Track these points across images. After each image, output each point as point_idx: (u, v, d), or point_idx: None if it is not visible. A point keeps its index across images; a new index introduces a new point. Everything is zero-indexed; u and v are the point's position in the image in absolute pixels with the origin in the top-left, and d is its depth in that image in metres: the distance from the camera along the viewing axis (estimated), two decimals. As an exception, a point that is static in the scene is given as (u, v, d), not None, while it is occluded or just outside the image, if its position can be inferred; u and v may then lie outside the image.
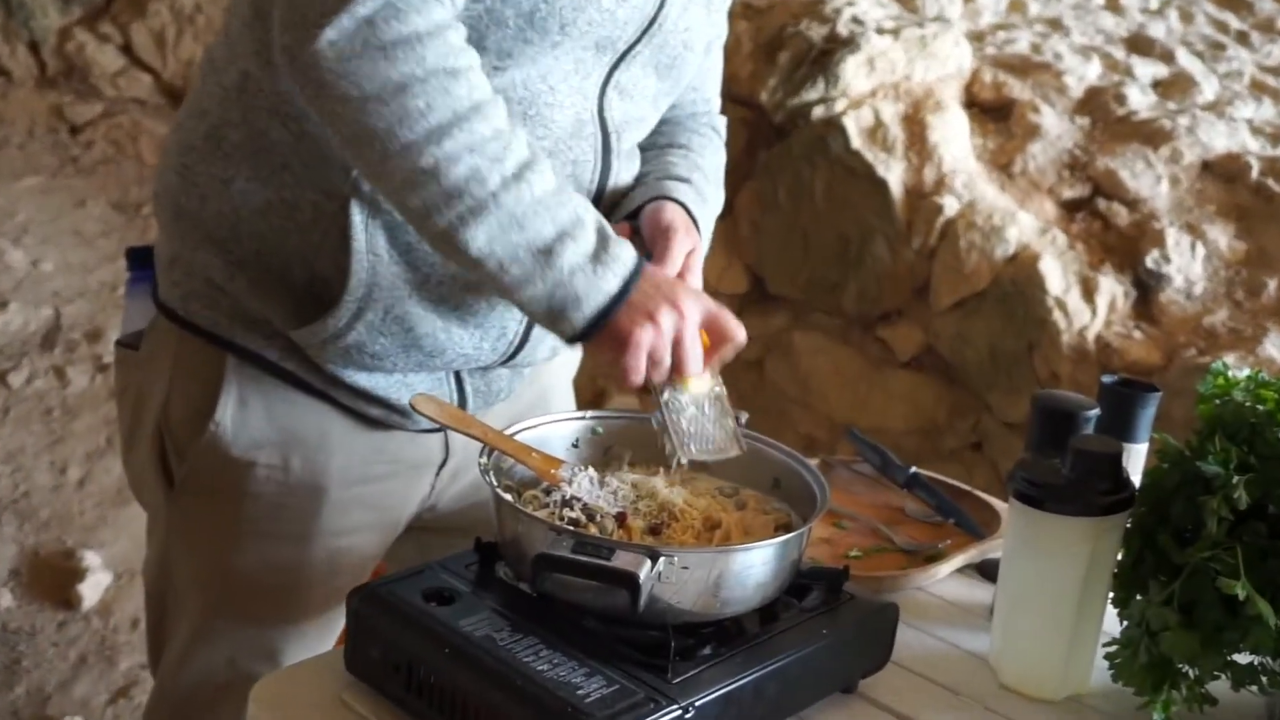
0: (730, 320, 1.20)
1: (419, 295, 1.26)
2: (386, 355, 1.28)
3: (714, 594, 1.11)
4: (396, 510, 1.43)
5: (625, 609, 1.06)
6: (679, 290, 1.18)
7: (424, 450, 1.42)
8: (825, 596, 1.21)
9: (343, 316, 1.24)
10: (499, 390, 1.41)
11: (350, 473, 1.37)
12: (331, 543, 1.38)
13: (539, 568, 1.07)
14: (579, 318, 1.15)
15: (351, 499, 1.38)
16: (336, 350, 1.27)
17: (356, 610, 1.15)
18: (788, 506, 1.27)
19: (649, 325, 1.15)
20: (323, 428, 1.34)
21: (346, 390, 1.33)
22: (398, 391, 1.34)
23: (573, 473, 1.25)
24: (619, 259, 1.16)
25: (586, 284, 1.14)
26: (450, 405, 1.26)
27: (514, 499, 1.22)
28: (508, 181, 1.12)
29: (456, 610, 1.13)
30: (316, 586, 1.39)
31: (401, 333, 1.27)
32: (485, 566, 1.21)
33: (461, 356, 1.32)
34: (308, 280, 1.26)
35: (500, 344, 1.34)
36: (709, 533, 1.20)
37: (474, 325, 1.31)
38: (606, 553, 1.06)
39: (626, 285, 1.15)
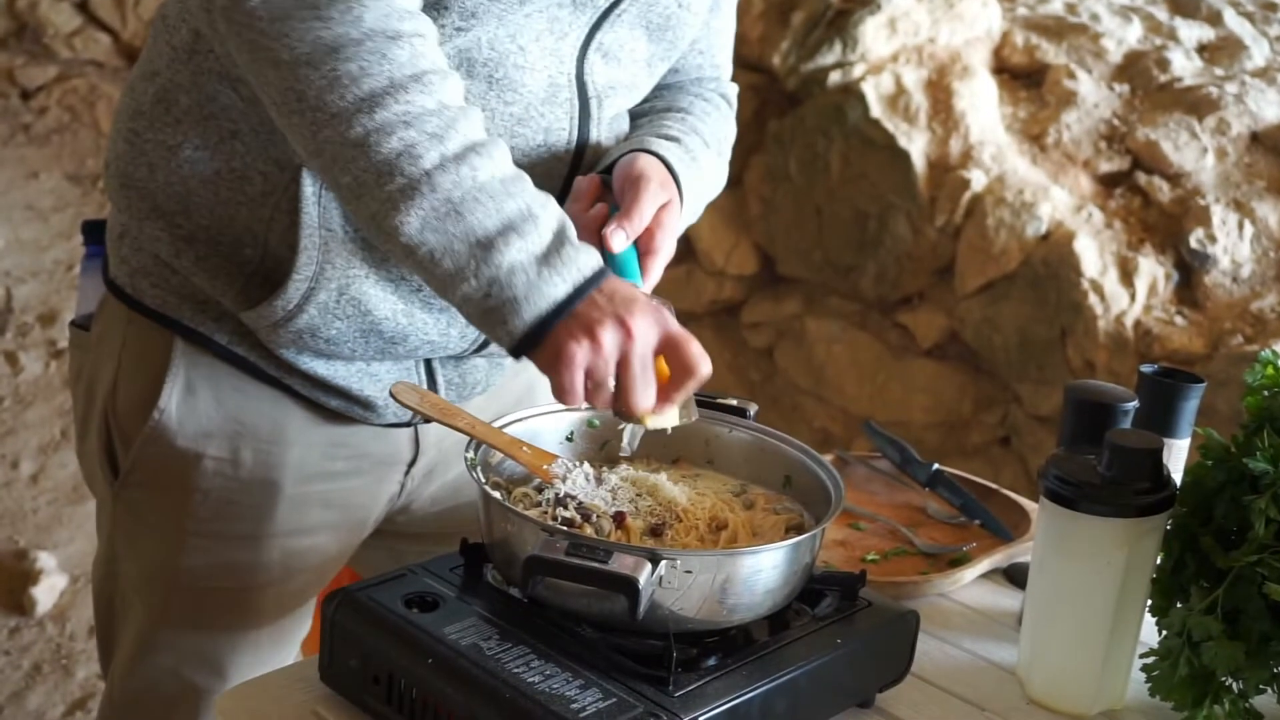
0: (693, 350, 1.11)
1: (377, 275, 1.25)
2: (343, 340, 1.27)
3: (720, 600, 1.11)
4: (361, 510, 1.42)
5: (623, 616, 1.06)
6: (636, 308, 1.10)
7: (391, 446, 1.41)
8: (840, 603, 1.21)
9: (293, 297, 1.23)
10: (475, 383, 1.40)
11: (307, 468, 1.36)
12: (286, 544, 1.37)
13: (530, 571, 1.07)
14: (516, 325, 1.08)
15: (308, 496, 1.37)
16: (289, 334, 1.26)
17: (333, 617, 1.14)
18: (800, 506, 1.27)
19: (586, 342, 1.08)
20: (276, 418, 1.33)
21: (302, 378, 1.32)
22: (359, 381, 1.33)
23: (567, 469, 1.24)
24: (572, 263, 1.09)
25: (527, 287, 1.08)
26: (434, 395, 1.26)
27: (503, 497, 1.21)
28: (446, 162, 1.07)
29: (440, 617, 1.13)
30: (269, 591, 1.38)
31: (358, 316, 1.26)
32: (472, 570, 1.21)
33: (427, 344, 1.31)
34: (259, 258, 1.25)
35: (470, 331, 1.33)
36: (714, 534, 1.20)
37: (439, 309, 1.29)
38: (603, 555, 1.06)
39: (576, 293, 1.09)
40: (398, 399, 1.22)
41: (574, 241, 1.12)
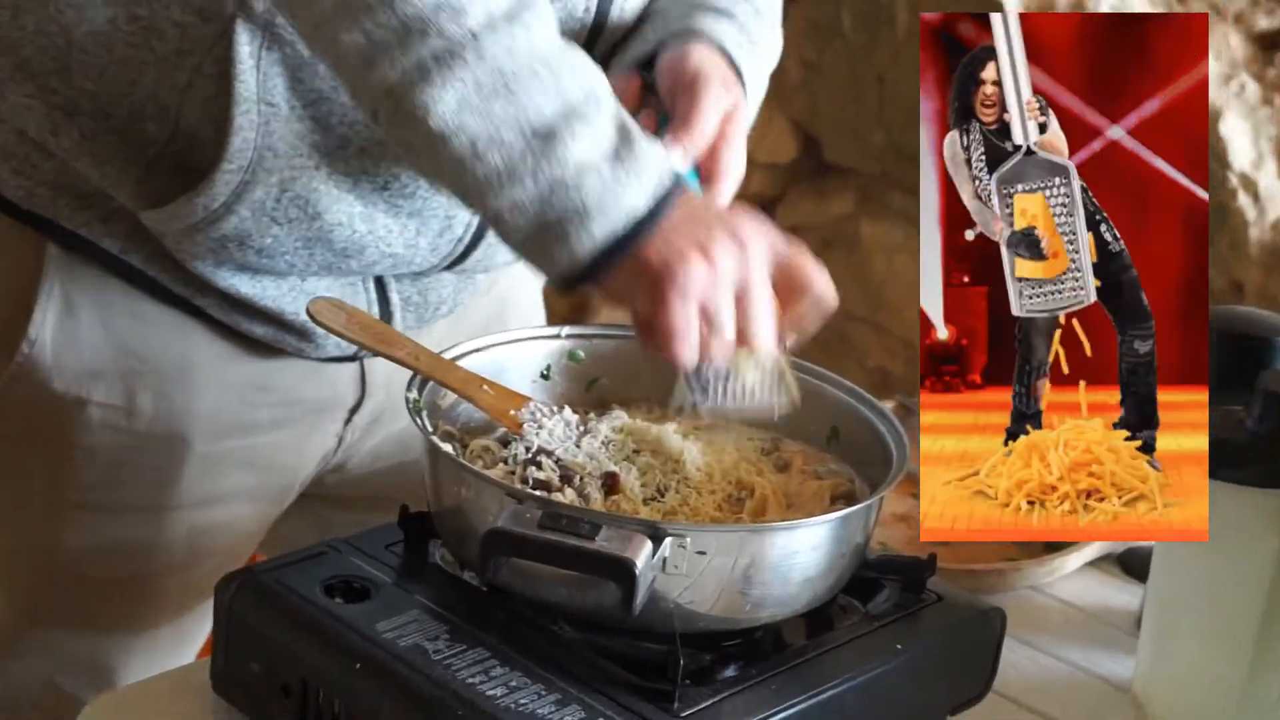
0: (809, 266, 1.14)
1: (330, 167, 1.26)
2: (280, 252, 1.28)
3: (742, 591, 1.11)
4: (287, 472, 1.44)
5: (615, 611, 1.06)
6: (735, 215, 1.12)
7: (331, 386, 1.42)
8: (901, 597, 1.21)
9: (219, 193, 1.24)
10: (438, 303, 1.41)
11: (224, 417, 1.37)
12: (194, 517, 1.38)
13: (491, 550, 1.07)
14: (583, 243, 1.09)
15: (224, 455, 1.38)
16: (208, 242, 1.26)
17: (229, 606, 1.15)
18: (849, 469, 1.27)
19: (698, 260, 1.09)
20: (184, 352, 1.34)
21: (219, 299, 1.32)
22: (294, 302, 1.33)
23: (541, 415, 1.24)
24: (647, 164, 1.10)
25: (600, 192, 1.09)
26: (365, 315, 1.26)
27: (456, 451, 1.21)
28: (496, 21, 1.07)
29: (373, 609, 1.13)
30: (171, 579, 1.40)
31: (303, 220, 1.27)
32: (414, 547, 1.21)
33: (388, 257, 1.32)
34: (166, 137, 1.25)
35: (444, 241, 1.34)
36: (736, 504, 1.20)
37: (408, 213, 1.30)
38: (589, 529, 1.06)
39: (658, 205, 1.10)
40: (317, 319, 1.22)
41: (638, 132, 1.12)
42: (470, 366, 1.26)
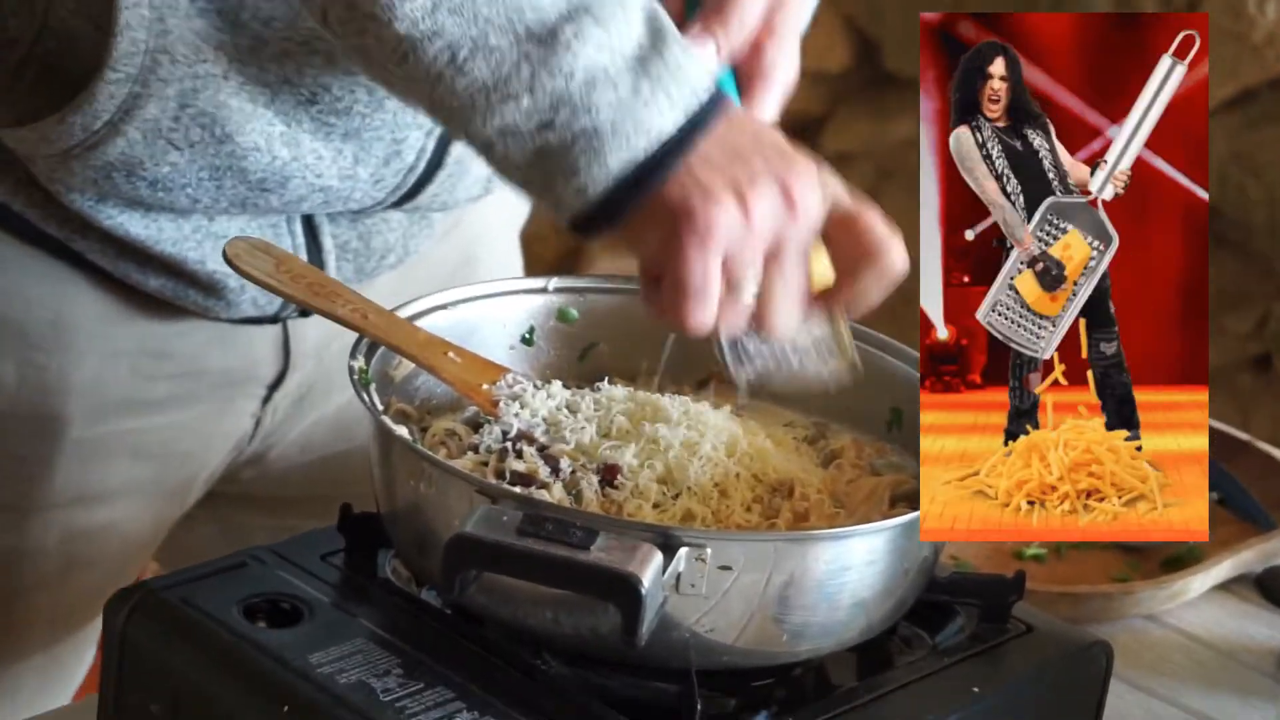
0: (877, 226, 1.15)
1: (242, 75, 1.26)
2: (180, 184, 1.29)
3: (777, 617, 1.11)
4: (189, 463, 1.45)
5: (615, 640, 1.06)
6: (792, 160, 1.13)
7: (245, 355, 1.43)
8: (980, 627, 1.22)
9: (102, 109, 1.24)
10: (384, 249, 1.42)
11: (108, 393, 1.38)
12: (68, 519, 1.39)
13: (458, 562, 1.07)
14: (600, 173, 1.09)
15: (108, 440, 1.39)
16: (89, 171, 1.27)
17: (122, 631, 1.15)
18: (914, 462, 1.27)
19: (733, 204, 1.09)
20: (59, 310, 1.35)
21: (105, 242, 1.33)
22: (198, 247, 1.34)
23: (520, 391, 1.25)
24: (679, 73, 1.10)
25: (616, 109, 1.08)
26: (299, 261, 1.26)
27: (413, 436, 1.21)
28: None
29: (306, 636, 1.13)
30: (40, 597, 1.41)
31: (210, 143, 1.27)
32: (358, 558, 1.22)
33: (318, 192, 1.32)
34: (34, 36, 1.26)
35: (389, 171, 1.34)
36: (770, 505, 1.20)
37: (343, 135, 1.31)
38: (581, 536, 1.06)
39: (693, 124, 1.10)
40: (236, 266, 1.22)
41: (675, 36, 1.11)
42: (432, 327, 1.26)
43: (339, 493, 1.27)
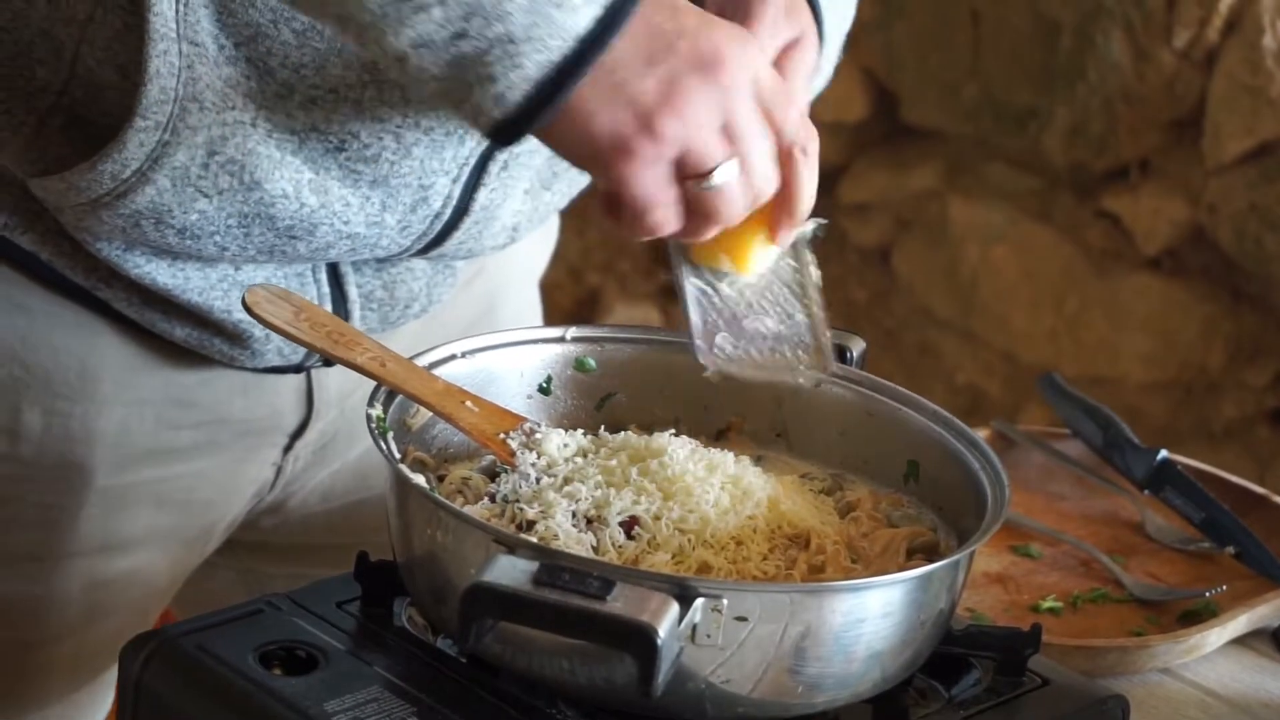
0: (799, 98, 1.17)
1: (270, 123, 1.26)
2: (209, 232, 1.29)
3: (793, 668, 1.11)
4: (210, 511, 1.44)
5: (630, 691, 1.06)
6: (726, 36, 1.13)
7: (269, 405, 1.43)
8: (996, 680, 1.22)
9: (131, 157, 1.24)
10: (409, 299, 1.42)
11: (133, 441, 1.37)
12: (92, 567, 1.39)
13: (474, 611, 1.07)
14: (518, 80, 1.08)
15: (133, 489, 1.39)
16: (117, 219, 1.27)
17: (138, 678, 1.15)
18: (932, 514, 1.28)
19: (665, 119, 1.10)
20: (85, 358, 1.35)
21: (131, 291, 1.33)
22: (224, 296, 1.34)
23: (538, 441, 1.25)
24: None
25: (530, 12, 1.08)
26: (317, 309, 1.27)
27: (430, 484, 1.21)
28: None
29: (321, 683, 1.13)
30: (63, 646, 1.40)
31: (238, 191, 1.27)
32: (374, 607, 1.22)
33: (345, 239, 1.32)
34: (63, 85, 1.26)
35: (416, 218, 1.34)
36: (787, 556, 1.20)
37: (370, 182, 1.31)
38: (599, 587, 1.06)
39: (611, 17, 1.09)
40: (255, 314, 1.23)
41: None
42: (450, 376, 1.26)
43: (359, 541, 1.27)
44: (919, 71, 3.16)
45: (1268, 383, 2.93)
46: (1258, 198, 2.85)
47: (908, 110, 3.21)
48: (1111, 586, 1.51)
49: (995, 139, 3.11)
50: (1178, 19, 2.87)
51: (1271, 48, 2.80)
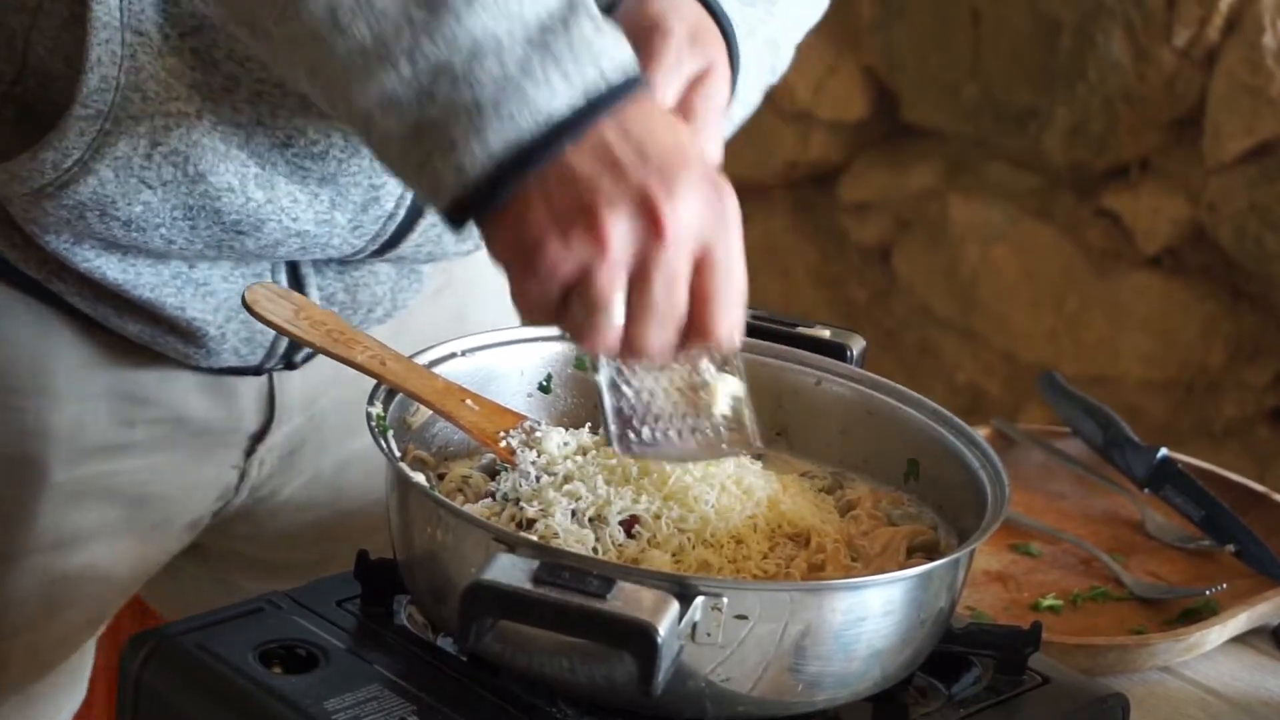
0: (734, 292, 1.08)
1: (215, 115, 1.26)
2: (154, 223, 1.28)
3: (792, 667, 1.11)
4: (164, 505, 1.44)
5: (630, 689, 1.06)
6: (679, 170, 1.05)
7: (226, 406, 1.42)
8: (996, 679, 1.22)
9: (72, 146, 1.24)
10: (371, 302, 1.42)
11: (86, 436, 1.37)
12: (50, 563, 1.39)
13: (474, 610, 1.07)
14: (480, 151, 1.03)
15: (87, 484, 1.38)
16: (61, 211, 1.27)
17: (138, 676, 1.15)
18: (931, 513, 1.28)
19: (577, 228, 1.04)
20: (37, 352, 1.35)
21: (82, 285, 1.33)
22: (177, 293, 1.33)
23: (535, 437, 1.25)
24: (587, 53, 1.04)
25: (501, 83, 1.03)
26: (318, 308, 1.26)
27: (430, 482, 1.21)
28: None
29: (321, 682, 1.13)
30: (18, 642, 1.40)
31: (183, 182, 1.27)
32: (374, 605, 1.22)
33: (294, 237, 1.32)
34: (15, 75, 1.26)
35: (368, 218, 1.33)
36: (787, 555, 1.20)
37: (319, 180, 1.30)
38: (599, 585, 1.05)
39: (588, 109, 1.04)
40: (255, 311, 1.22)
41: (593, 13, 1.06)
42: (450, 374, 1.26)
43: (333, 555, 1.27)
44: (919, 71, 3.16)
45: (1268, 382, 2.93)
46: (1258, 197, 2.85)
47: (908, 109, 3.21)
48: (1112, 585, 1.51)
49: (995, 138, 3.11)
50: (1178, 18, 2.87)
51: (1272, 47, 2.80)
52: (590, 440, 1.26)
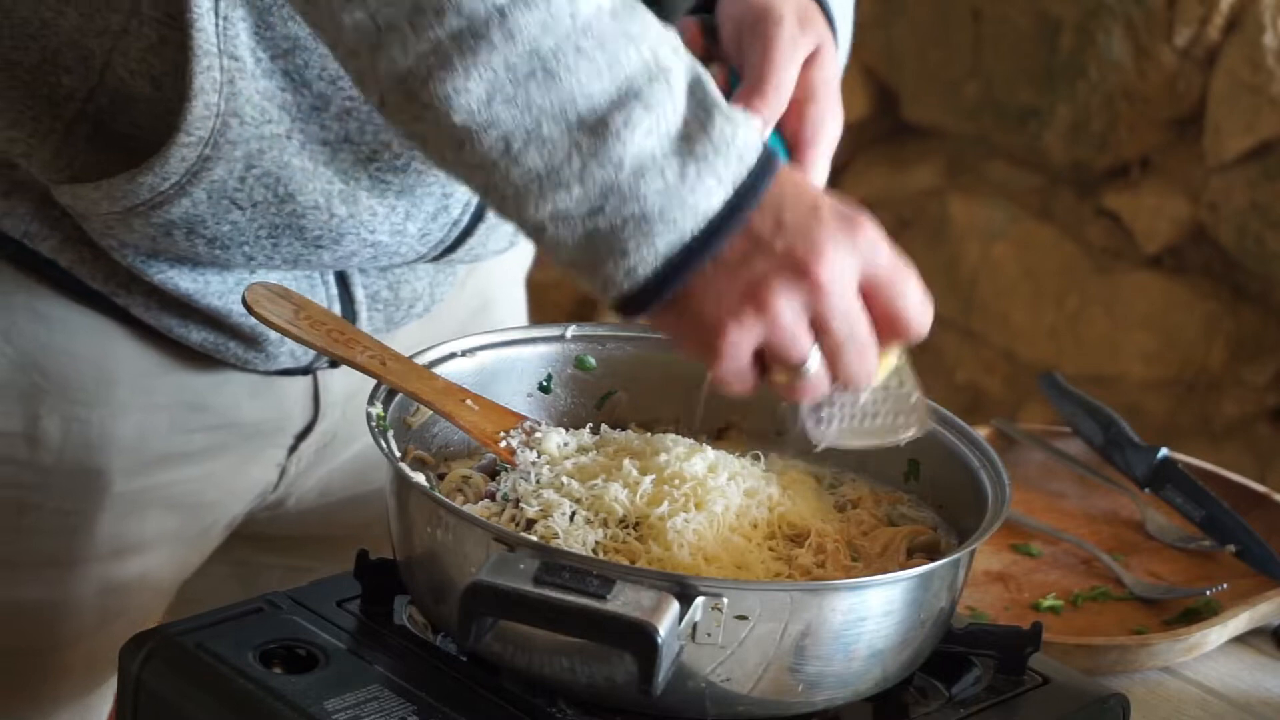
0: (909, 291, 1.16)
1: (305, 135, 1.27)
2: (238, 242, 1.29)
3: (792, 667, 1.11)
4: (215, 511, 1.45)
5: (631, 689, 1.06)
6: (818, 232, 1.12)
7: (278, 406, 1.43)
8: (996, 679, 1.21)
9: (172, 171, 1.24)
10: (412, 299, 1.42)
11: (150, 446, 1.38)
12: (106, 571, 1.39)
13: (474, 610, 1.07)
14: (649, 255, 1.10)
15: (147, 493, 1.39)
16: (149, 228, 1.27)
17: (138, 677, 1.15)
18: (931, 513, 1.28)
19: (748, 310, 1.11)
20: (102, 364, 1.35)
21: (148, 297, 1.33)
22: (239, 302, 1.33)
23: (535, 437, 1.25)
24: (729, 150, 1.11)
25: (666, 195, 1.09)
26: (318, 307, 1.27)
27: (430, 482, 1.21)
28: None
29: (321, 682, 1.13)
30: (77, 650, 1.40)
31: (272, 203, 1.28)
32: (374, 605, 1.22)
33: (369, 248, 1.33)
34: (88, 93, 1.26)
35: (436, 226, 1.35)
36: (785, 555, 1.20)
37: (397, 192, 1.31)
38: (599, 585, 1.06)
39: (740, 197, 1.11)
40: (255, 312, 1.23)
41: (721, 106, 1.11)
42: (450, 375, 1.26)
43: (353, 534, 1.27)
44: (920, 69, 3.16)
45: (1268, 381, 2.93)
46: (1258, 196, 2.85)
47: (908, 108, 3.21)
48: (1112, 585, 1.51)
49: (996, 137, 3.11)
50: (1178, 17, 2.87)
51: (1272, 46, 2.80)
52: (590, 440, 1.27)
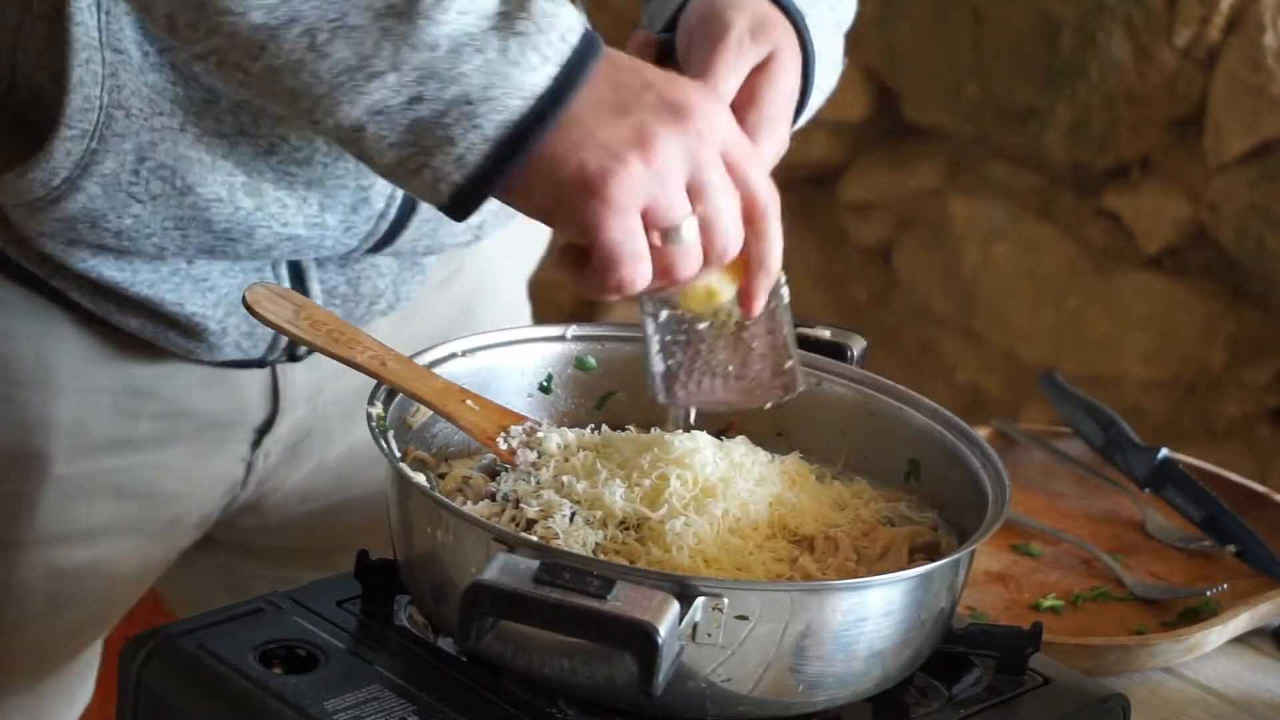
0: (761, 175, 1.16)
1: (199, 127, 1.26)
2: (145, 234, 1.29)
3: (793, 667, 1.11)
4: (174, 502, 1.44)
5: (631, 690, 1.06)
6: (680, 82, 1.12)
7: (231, 398, 1.42)
8: (996, 679, 1.21)
9: (59, 166, 1.24)
10: (373, 295, 1.42)
11: (90, 430, 1.38)
12: (53, 556, 1.39)
13: (474, 610, 1.07)
14: (478, 140, 1.07)
15: (91, 478, 1.39)
16: (53, 221, 1.27)
17: (138, 677, 1.15)
18: (932, 513, 1.28)
19: (635, 155, 1.08)
20: (40, 346, 1.35)
21: (81, 282, 1.33)
22: (176, 290, 1.34)
23: (536, 437, 1.25)
24: (550, 25, 1.08)
25: (487, 72, 1.07)
26: (319, 308, 1.26)
27: (430, 482, 1.22)
28: None
29: (322, 682, 1.13)
30: (24, 635, 1.40)
31: (171, 196, 1.27)
32: (374, 605, 1.22)
33: (287, 240, 1.32)
34: (7, 88, 1.27)
35: (360, 219, 1.34)
36: (786, 555, 1.20)
37: (306, 184, 1.31)
38: (599, 586, 1.06)
39: (568, 74, 1.09)
40: (256, 312, 1.22)
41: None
42: (450, 375, 1.26)
43: (337, 544, 1.27)
44: (920, 70, 3.16)
45: (1269, 381, 2.93)
46: (1259, 196, 2.85)
47: (909, 109, 3.21)
48: (1112, 585, 1.51)
49: (996, 137, 3.11)
50: (1179, 17, 2.87)
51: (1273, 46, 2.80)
52: (591, 440, 1.26)
